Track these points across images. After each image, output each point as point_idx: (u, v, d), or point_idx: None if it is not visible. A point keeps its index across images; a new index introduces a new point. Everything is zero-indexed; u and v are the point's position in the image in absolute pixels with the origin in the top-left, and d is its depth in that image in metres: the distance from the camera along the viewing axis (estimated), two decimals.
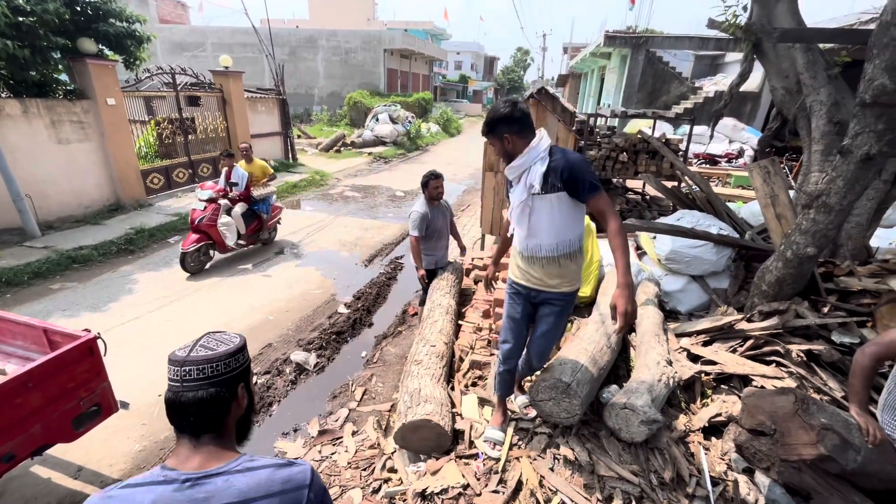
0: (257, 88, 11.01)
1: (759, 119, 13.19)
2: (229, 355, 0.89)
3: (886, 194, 3.46)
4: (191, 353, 0.87)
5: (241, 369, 0.92)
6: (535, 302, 2.05)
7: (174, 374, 0.87)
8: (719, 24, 4.10)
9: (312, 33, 22.81)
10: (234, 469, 0.82)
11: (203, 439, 0.85)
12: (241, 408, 0.92)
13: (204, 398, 0.85)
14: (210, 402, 0.86)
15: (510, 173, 1.90)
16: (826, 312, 2.90)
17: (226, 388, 0.88)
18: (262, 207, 5.82)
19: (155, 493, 0.77)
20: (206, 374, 0.86)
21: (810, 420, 1.67)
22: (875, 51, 2.25)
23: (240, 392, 0.91)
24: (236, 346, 0.91)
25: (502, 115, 1.82)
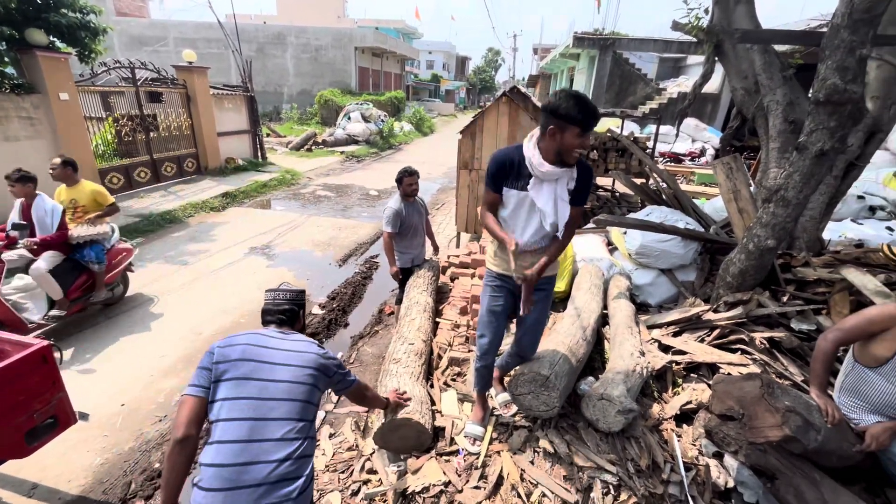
0: (224, 85, 10.64)
1: (719, 119, 13.80)
2: (299, 293, 1.74)
3: (836, 189, 3.67)
4: (280, 286, 1.73)
5: (300, 302, 1.73)
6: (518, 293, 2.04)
7: (271, 297, 1.69)
8: (683, 26, 4.24)
9: (281, 30, 22.27)
10: (301, 336, 1.61)
11: (284, 327, 1.64)
12: (301, 322, 1.73)
13: (287, 309, 1.66)
14: (289, 312, 1.67)
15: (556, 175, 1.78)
16: (785, 301, 3.04)
17: (298, 307, 1.71)
18: (91, 255, 3.80)
19: (261, 333, 1.54)
20: (289, 297, 1.69)
21: (775, 403, 1.75)
22: (827, 52, 2.38)
23: (301, 314, 1.73)
24: (300, 290, 1.76)
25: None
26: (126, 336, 3.87)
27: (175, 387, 3.30)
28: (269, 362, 1.41)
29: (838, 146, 2.54)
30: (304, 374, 1.43)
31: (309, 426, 1.43)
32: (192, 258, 5.59)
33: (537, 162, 1.75)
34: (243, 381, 1.36)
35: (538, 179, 1.80)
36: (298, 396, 1.40)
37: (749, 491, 1.98)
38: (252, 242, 6.24)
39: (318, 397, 1.49)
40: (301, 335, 1.59)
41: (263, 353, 1.43)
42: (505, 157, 1.84)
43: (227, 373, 1.37)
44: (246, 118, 10.90)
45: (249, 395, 1.35)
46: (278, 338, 1.51)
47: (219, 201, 7.95)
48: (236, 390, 1.35)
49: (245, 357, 1.40)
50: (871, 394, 1.96)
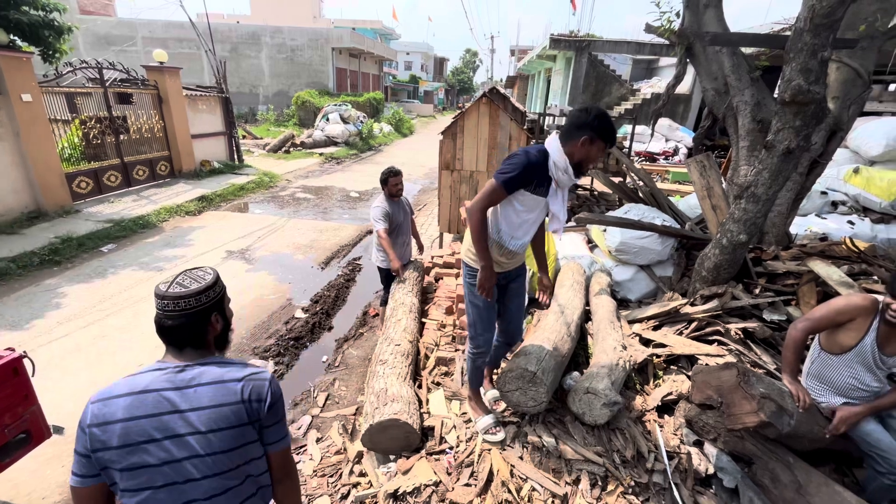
0: (197, 86, 10.37)
1: (690, 119, 14.23)
2: (199, 292, 1.07)
3: (802, 186, 3.85)
4: (168, 289, 1.05)
5: (211, 302, 1.10)
6: (503, 282, 2.14)
7: (157, 305, 1.06)
8: (655, 29, 4.37)
9: (255, 29, 21.85)
10: (210, 362, 1.08)
11: (185, 350, 1.08)
12: (215, 330, 1.12)
13: (181, 325, 1.05)
14: (187, 328, 1.06)
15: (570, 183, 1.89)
16: (757, 294, 3.17)
17: (198, 317, 1.07)
18: None
19: (151, 377, 1.03)
20: (181, 307, 1.04)
21: (751, 390, 1.82)
22: (791, 54, 2.49)
23: (213, 319, 1.10)
24: (206, 284, 1.09)
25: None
26: (103, 344, 3.74)
27: None
28: (167, 437, 0.99)
29: (803, 144, 2.67)
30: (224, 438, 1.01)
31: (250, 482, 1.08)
32: (168, 264, 5.43)
33: (570, 170, 1.82)
34: (137, 472, 0.98)
35: (557, 186, 1.88)
36: (223, 467, 1.02)
37: (728, 476, 2.06)
38: (230, 246, 6.11)
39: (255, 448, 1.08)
40: (213, 366, 1.06)
41: (155, 427, 0.98)
42: (535, 163, 1.81)
43: (113, 462, 0.98)
44: (221, 120, 10.65)
45: (152, 485, 0.99)
46: (180, 388, 1.01)
47: (194, 205, 7.75)
48: (132, 481, 0.98)
49: (128, 442, 0.97)
50: (836, 378, 2.07)
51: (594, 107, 1.79)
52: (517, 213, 1.94)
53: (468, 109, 5.05)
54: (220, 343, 1.16)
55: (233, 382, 1.05)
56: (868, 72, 3.56)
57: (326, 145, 15.21)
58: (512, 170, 1.80)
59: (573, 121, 1.79)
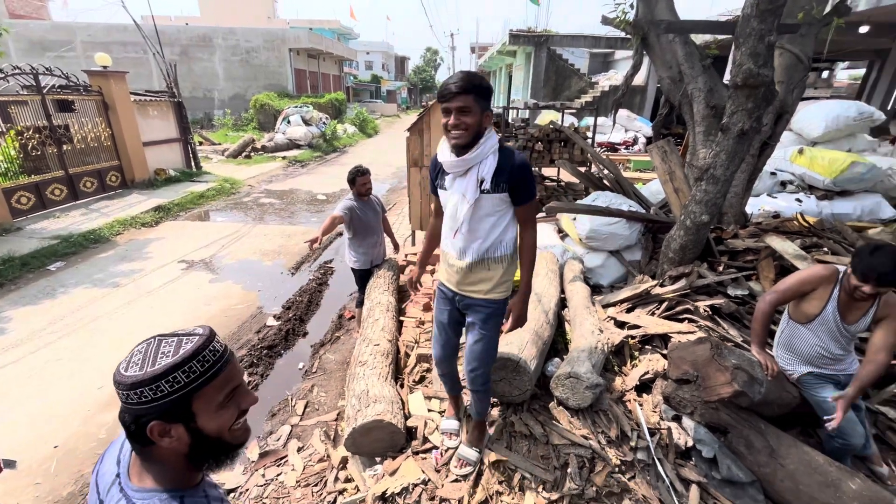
0: (146, 91, 9.84)
1: (647, 110, 14.74)
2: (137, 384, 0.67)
3: (754, 167, 4.05)
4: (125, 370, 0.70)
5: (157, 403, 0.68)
6: (460, 307, 1.87)
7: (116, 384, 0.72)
8: (611, 21, 4.48)
9: (206, 31, 20.97)
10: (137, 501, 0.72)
11: (134, 452, 0.77)
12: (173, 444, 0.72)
13: (124, 422, 0.71)
14: (126, 427, 0.71)
15: (458, 166, 1.59)
16: (721, 271, 3.31)
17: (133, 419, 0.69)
18: None
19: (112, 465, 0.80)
20: (125, 398, 0.69)
21: (724, 362, 1.89)
22: (741, 39, 2.60)
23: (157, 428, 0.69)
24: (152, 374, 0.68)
25: (488, 87, 1.54)
26: (56, 368, 3.48)
27: (117, 420, 3.01)
28: None
29: (756, 125, 2.80)
30: None
31: None
32: (125, 279, 5.13)
33: (442, 153, 1.62)
34: None
35: (449, 175, 1.66)
36: None
37: (706, 447, 2.13)
38: (193, 256, 5.84)
39: None
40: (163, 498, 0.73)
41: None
42: (435, 156, 1.70)
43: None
44: (174, 125, 10.16)
45: None
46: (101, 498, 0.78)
47: (150, 216, 7.36)
48: None
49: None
50: (803, 347, 2.18)
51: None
52: (444, 213, 1.76)
53: (434, 105, 5.02)
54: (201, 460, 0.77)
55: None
56: (808, 56, 3.77)
57: (289, 148, 14.80)
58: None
59: None
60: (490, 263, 1.73)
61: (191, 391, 0.71)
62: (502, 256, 1.73)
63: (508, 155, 1.61)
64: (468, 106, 1.50)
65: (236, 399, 0.77)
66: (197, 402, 0.72)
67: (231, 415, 0.76)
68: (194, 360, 0.71)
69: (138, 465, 0.76)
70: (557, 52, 15.03)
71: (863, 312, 1.99)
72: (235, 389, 0.77)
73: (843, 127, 6.15)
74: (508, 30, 14.63)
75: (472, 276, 1.76)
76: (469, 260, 1.73)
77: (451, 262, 1.79)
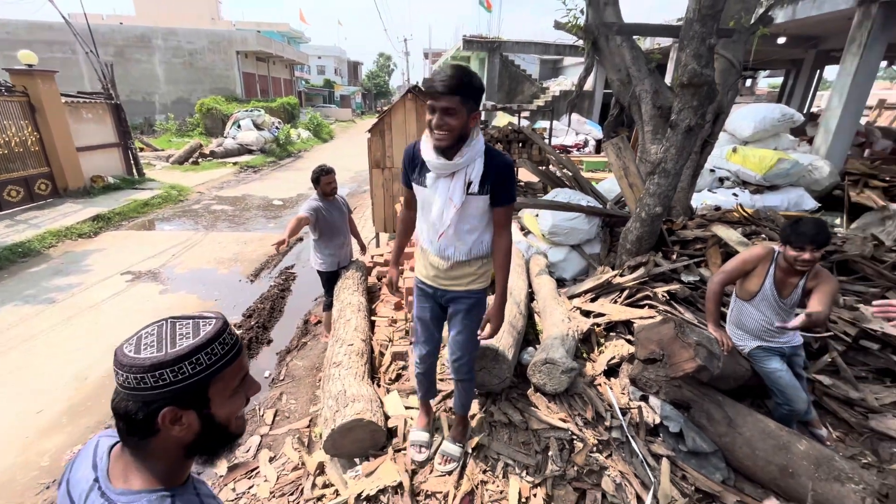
0: (79, 92, 9.11)
1: (595, 113, 15.46)
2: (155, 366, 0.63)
3: (697, 164, 4.36)
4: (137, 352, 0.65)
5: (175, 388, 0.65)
6: (442, 302, 1.87)
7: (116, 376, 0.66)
8: (563, 25, 4.68)
9: (144, 31, 19.74)
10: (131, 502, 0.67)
11: (125, 448, 0.71)
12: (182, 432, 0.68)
13: (124, 410, 0.66)
14: (125, 417, 0.66)
15: (445, 168, 1.54)
16: (675, 259, 3.53)
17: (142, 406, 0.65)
18: None
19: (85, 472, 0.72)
20: (130, 384, 0.64)
21: (687, 339, 2.02)
22: (685, 42, 2.81)
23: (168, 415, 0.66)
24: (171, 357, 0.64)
25: (479, 86, 1.47)
26: None
27: (62, 445, 2.76)
28: None
29: (700, 122, 3.02)
30: None
31: None
32: (62, 294, 4.71)
33: (425, 150, 1.55)
34: None
35: (430, 174, 1.60)
36: None
37: (672, 422, 2.26)
38: (140, 267, 5.45)
39: None
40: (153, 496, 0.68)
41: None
42: (410, 148, 1.66)
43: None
44: (112, 129, 9.46)
45: None
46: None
47: (88, 226, 6.80)
48: None
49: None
50: (750, 322, 2.37)
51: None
52: (419, 210, 1.73)
53: (394, 106, 5.02)
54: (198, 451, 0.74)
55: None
56: (739, 62, 4.12)
57: (240, 154, 14.20)
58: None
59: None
60: (471, 261, 1.75)
61: (210, 374, 0.68)
62: (484, 254, 1.76)
63: (495, 156, 1.60)
64: (454, 107, 1.42)
65: (244, 386, 0.75)
66: (214, 387, 0.69)
67: (241, 402, 0.74)
68: (216, 341, 0.68)
69: (121, 465, 0.71)
70: (510, 58, 15.46)
71: (794, 286, 2.20)
72: (245, 376, 0.75)
73: (770, 127, 6.76)
74: (462, 36, 14.88)
75: (453, 272, 1.76)
76: (452, 260, 1.73)
77: (433, 261, 1.78)
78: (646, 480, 1.91)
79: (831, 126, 6.49)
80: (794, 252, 2.05)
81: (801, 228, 2.02)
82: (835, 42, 9.84)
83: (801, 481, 1.91)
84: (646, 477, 1.92)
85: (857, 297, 3.20)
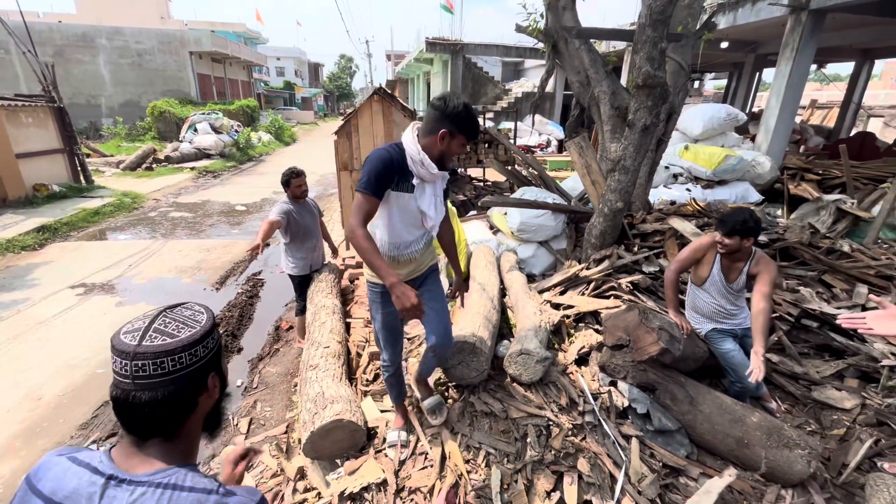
0: (15, 95, 8.49)
1: (556, 115, 15.90)
2: (196, 342, 0.72)
3: (653, 161, 4.60)
4: (143, 340, 0.69)
5: (211, 355, 0.75)
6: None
7: (122, 368, 0.68)
8: (524, 29, 4.83)
9: (86, 30, 18.59)
10: (162, 481, 0.68)
11: (150, 443, 0.71)
12: (211, 399, 0.78)
13: (163, 398, 0.68)
14: (170, 404, 0.70)
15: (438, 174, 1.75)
16: (636, 251, 3.71)
17: (192, 383, 0.71)
18: None
19: (80, 480, 0.68)
20: (167, 368, 0.68)
21: (650, 324, 2.15)
22: (638, 45, 2.98)
23: (210, 383, 0.76)
24: (205, 328, 0.74)
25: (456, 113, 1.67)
26: None
27: (15, 471, 2.59)
28: None
29: (655, 121, 3.21)
30: None
31: None
32: (5, 311, 4.39)
33: (428, 164, 1.68)
34: None
35: (421, 181, 1.73)
36: None
37: (640, 404, 2.39)
38: (93, 279, 5.16)
39: None
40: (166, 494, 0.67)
41: None
42: (391, 158, 1.67)
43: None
44: (56, 134, 8.87)
45: None
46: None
47: (32, 238, 6.35)
48: None
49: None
50: (703, 306, 2.56)
51: (453, 98, 1.64)
52: (393, 217, 1.78)
53: (361, 107, 5.00)
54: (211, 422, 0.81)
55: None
56: (688, 64, 4.39)
57: (198, 158, 13.64)
58: (367, 173, 1.64)
59: (431, 113, 1.67)
60: (428, 243, 1.99)
61: (220, 341, 0.80)
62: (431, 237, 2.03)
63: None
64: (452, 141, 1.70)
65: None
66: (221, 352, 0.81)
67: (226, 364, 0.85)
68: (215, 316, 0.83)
69: (137, 459, 0.71)
70: (472, 60, 15.65)
71: (739, 271, 2.40)
72: None
73: (717, 126, 7.21)
74: (425, 37, 14.94)
75: (422, 259, 1.97)
76: (424, 247, 1.94)
77: (411, 257, 1.91)
78: (618, 460, 2.01)
79: (771, 124, 7.00)
80: (720, 237, 2.26)
81: (730, 217, 2.27)
82: (771, 46, 10.61)
83: (756, 450, 2.08)
84: (617, 456, 2.03)
85: (797, 280, 3.49)
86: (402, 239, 1.84)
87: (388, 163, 1.66)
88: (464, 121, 1.64)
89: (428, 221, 1.82)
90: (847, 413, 2.46)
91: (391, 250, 1.85)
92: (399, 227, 1.81)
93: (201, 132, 14.66)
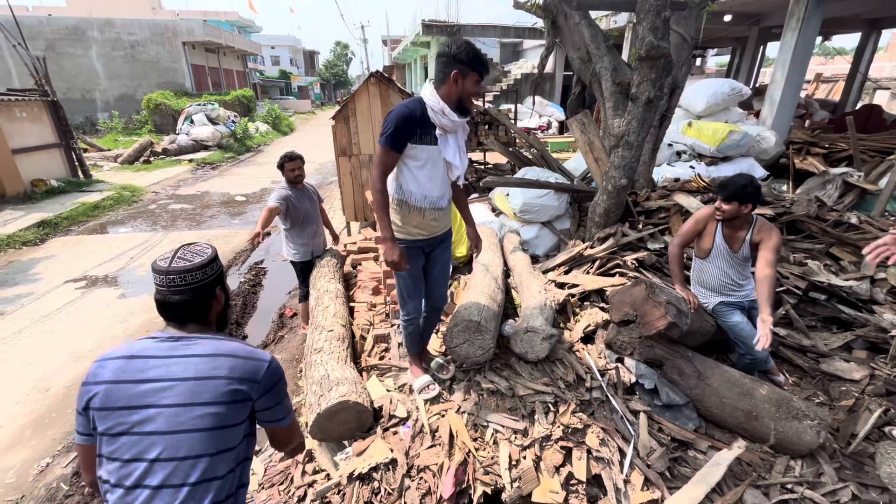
0: (8, 90, 8.40)
1: (556, 96, 15.67)
2: (204, 265, 1.09)
3: (656, 137, 4.52)
4: (171, 264, 1.06)
5: (215, 275, 1.12)
6: (428, 251, 2.09)
7: (160, 281, 1.05)
8: (523, 4, 4.71)
9: (77, 23, 18.31)
10: (210, 337, 1.07)
11: (187, 325, 1.09)
12: (219, 304, 1.16)
13: (188, 300, 1.06)
14: (193, 303, 1.08)
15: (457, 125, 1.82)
16: (641, 229, 3.67)
17: (204, 291, 1.09)
18: None
19: (146, 343, 1.04)
20: (188, 280, 1.06)
21: (657, 299, 2.12)
22: (641, 15, 2.89)
23: (217, 293, 1.14)
24: (209, 257, 1.11)
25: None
26: None
27: (28, 459, 2.61)
28: (144, 406, 0.95)
29: (659, 94, 3.13)
30: (205, 415, 0.96)
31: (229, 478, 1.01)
32: (10, 306, 4.40)
33: (448, 112, 1.74)
34: (112, 438, 0.95)
35: (444, 132, 1.80)
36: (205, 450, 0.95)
37: (647, 380, 2.38)
38: (95, 272, 5.16)
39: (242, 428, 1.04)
40: (211, 339, 1.05)
41: (135, 394, 0.95)
42: (411, 112, 1.74)
43: (96, 424, 0.97)
44: (51, 129, 8.79)
45: (120, 457, 0.94)
46: (169, 356, 1.00)
47: (33, 233, 6.34)
48: (108, 447, 0.95)
49: (107, 405, 0.95)
50: (709, 279, 2.52)
51: (456, 40, 1.74)
52: (418, 169, 1.85)
53: (357, 91, 4.91)
54: (220, 321, 1.19)
55: (226, 358, 1.02)
56: (691, 37, 4.28)
57: (196, 150, 13.55)
58: (389, 126, 1.73)
59: (440, 61, 1.75)
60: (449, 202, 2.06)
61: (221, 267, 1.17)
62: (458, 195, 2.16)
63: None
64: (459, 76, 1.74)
65: None
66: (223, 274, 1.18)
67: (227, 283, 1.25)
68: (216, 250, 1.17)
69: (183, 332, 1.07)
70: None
71: (741, 240, 2.36)
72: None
73: (721, 101, 7.07)
74: (421, 20, 14.65)
75: (446, 215, 2.04)
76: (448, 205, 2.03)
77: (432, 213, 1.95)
78: (626, 434, 2.01)
79: (775, 98, 6.86)
80: (718, 203, 2.27)
81: (727, 181, 2.26)
82: (776, 18, 10.35)
83: (765, 423, 2.07)
84: (626, 431, 2.02)
85: (805, 253, 3.45)
86: (429, 191, 1.91)
87: (408, 117, 1.74)
88: (471, 57, 1.72)
89: (454, 172, 1.92)
90: (856, 384, 2.44)
91: (421, 202, 1.92)
92: (425, 183, 1.88)
93: (198, 123, 14.53)
